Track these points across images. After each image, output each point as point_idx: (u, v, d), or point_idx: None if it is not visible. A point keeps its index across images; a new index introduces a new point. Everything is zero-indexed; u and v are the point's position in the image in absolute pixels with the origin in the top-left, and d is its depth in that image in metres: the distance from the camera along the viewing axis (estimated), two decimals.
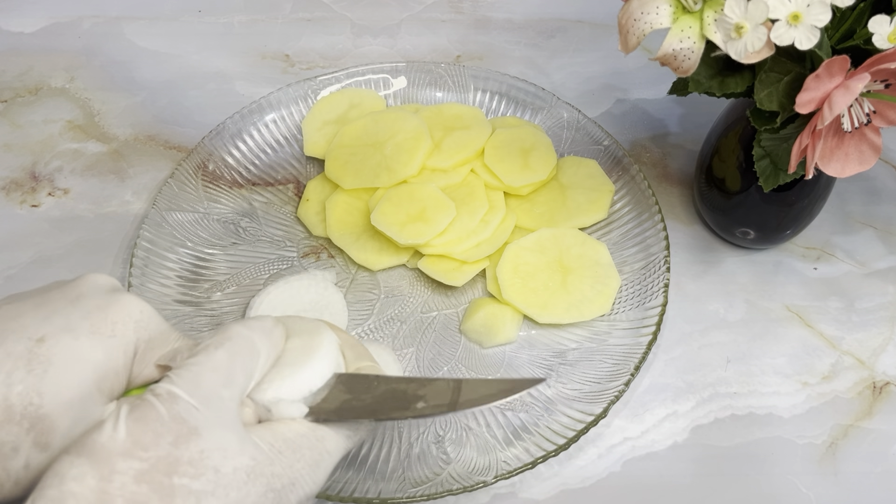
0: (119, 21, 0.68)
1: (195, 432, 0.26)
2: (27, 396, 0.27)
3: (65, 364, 0.28)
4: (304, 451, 0.29)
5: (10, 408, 0.27)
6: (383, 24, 0.68)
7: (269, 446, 0.28)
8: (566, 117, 0.56)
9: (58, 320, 0.29)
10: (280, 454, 0.28)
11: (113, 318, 0.30)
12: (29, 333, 0.28)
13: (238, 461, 0.26)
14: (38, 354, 0.28)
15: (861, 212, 0.54)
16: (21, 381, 0.27)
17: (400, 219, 0.49)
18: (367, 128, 0.54)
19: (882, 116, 0.37)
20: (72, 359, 0.28)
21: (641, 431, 0.44)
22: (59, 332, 0.29)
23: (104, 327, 0.30)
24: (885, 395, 0.46)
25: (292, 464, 0.28)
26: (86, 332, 0.29)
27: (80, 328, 0.29)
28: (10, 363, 0.27)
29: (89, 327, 0.29)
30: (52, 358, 0.28)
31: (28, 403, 0.27)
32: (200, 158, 0.54)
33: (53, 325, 0.29)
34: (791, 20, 0.33)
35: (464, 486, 0.39)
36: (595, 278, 0.47)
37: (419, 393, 0.31)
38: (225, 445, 0.26)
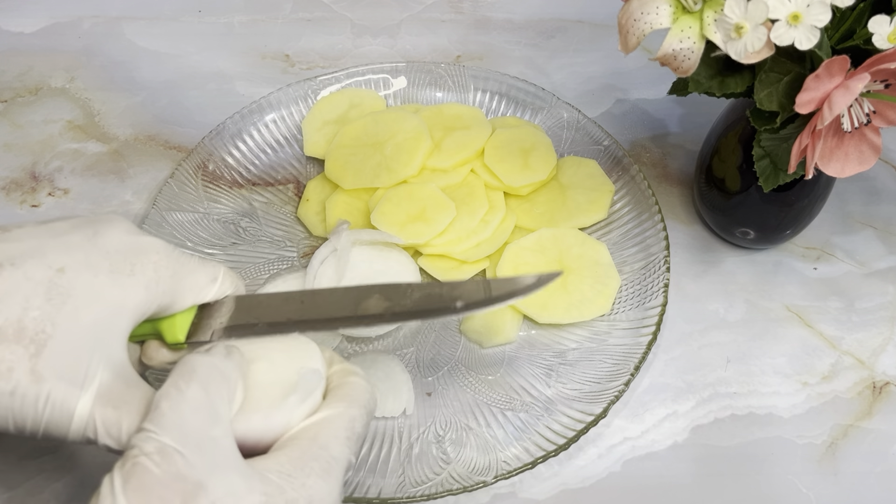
0: (119, 21, 0.68)
1: (200, 486, 0.24)
2: (41, 323, 0.27)
3: (83, 299, 0.28)
4: (312, 464, 0.28)
5: (22, 329, 0.27)
6: (383, 24, 0.68)
7: (276, 474, 0.27)
8: (566, 117, 0.56)
9: (77, 255, 0.29)
10: (289, 477, 0.27)
11: (132, 258, 0.30)
12: (49, 261, 0.28)
13: (250, 501, 0.25)
14: (57, 284, 0.28)
15: (861, 212, 0.54)
16: (38, 308, 0.27)
17: (400, 219, 0.49)
18: (367, 128, 0.54)
19: (882, 116, 0.37)
20: (90, 295, 0.28)
21: (641, 431, 0.44)
22: (80, 266, 0.29)
23: (123, 266, 0.30)
24: (885, 395, 0.46)
25: (304, 482, 0.27)
26: (105, 270, 0.29)
27: (99, 266, 0.29)
28: (29, 287, 0.27)
29: (109, 266, 0.29)
30: (71, 290, 0.28)
31: (40, 330, 0.27)
32: (200, 158, 0.54)
33: (73, 258, 0.29)
34: (791, 20, 0.33)
35: (464, 486, 0.39)
36: (595, 278, 0.47)
37: (454, 294, 0.33)
38: (233, 490, 0.25)
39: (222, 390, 0.28)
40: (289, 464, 0.27)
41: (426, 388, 0.45)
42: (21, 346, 0.27)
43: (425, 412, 0.44)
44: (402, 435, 0.42)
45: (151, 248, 0.31)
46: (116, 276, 0.29)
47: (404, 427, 0.43)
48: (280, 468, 0.27)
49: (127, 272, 0.30)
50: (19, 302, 0.27)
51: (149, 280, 0.30)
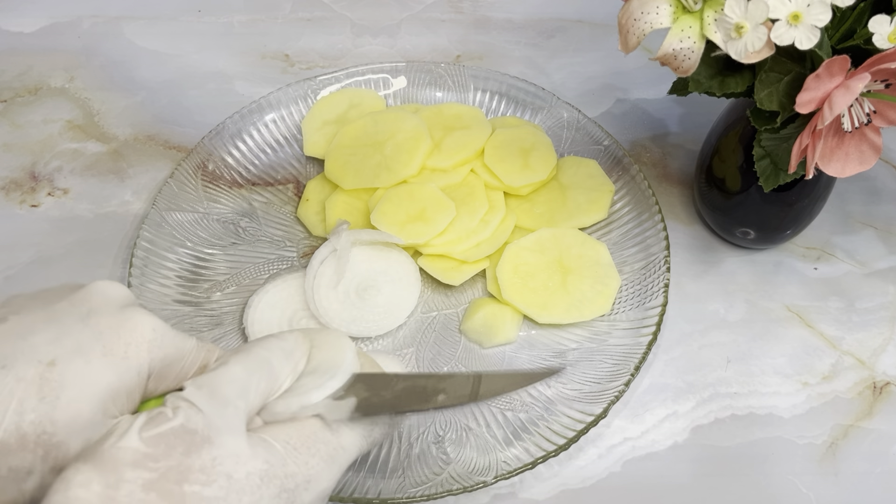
0: (119, 21, 0.68)
1: (208, 440, 0.26)
2: (40, 425, 0.27)
3: (77, 389, 0.28)
4: (320, 447, 0.28)
5: (23, 437, 0.26)
6: (383, 23, 0.67)
7: (283, 444, 0.28)
8: (566, 117, 0.56)
9: (68, 342, 0.28)
10: (295, 451, 0.28)
11: (126, 338, 0.29)
12: (39, 356, 0.28)
13: (251, 465, 0.26)
14: (49, 380, 0.27)
15: (861, 212, 0.54)
16: (34, 410, 0.27)
17: (400, 219, 0.49)
18: (366, 128, 0.54)
19: (882, 116, 0.37)
20: (84, 383, 0.28)
21: (641, 431, 0.44)
22: (71, 354, 0.28)
23: (117, 349, 0.29)
24: (886, 395, 0.46)
25: (307, 460, 0.28)
26: (98, 355, 0.29)
27: (92, 351, 0.28)
28: (21, 389, 0.27)
29: (101, 349, 0.29)
30: (64, 383, 0.27)
31: (41, 432, 0.27)
32: (200, 158, 0.54)
33: (64, 347, 0.28)
34: (791, 20, 0.33)
35: (464, 487, 0.39)
36: (595, 278, 0.47)
37: (439, 387, 0.32)
38: (238, 451, 0.26)
39: (263, 384, 0.29)
40: (297, 438, 0.28)
41: None
42: (29, 452, 0.27)
43: (416, 414, 0.43)
44: (402, 435, 0.42)
45: (147, 326, 0.30)
46: (109, 360, 0.29)
47: (404, 427, 0.43)
48: (288, 439, 0.28)
49: (121, 355, 0.29)
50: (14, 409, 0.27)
51: (141, 364, 0.29)
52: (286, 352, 0.30)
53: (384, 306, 0.47)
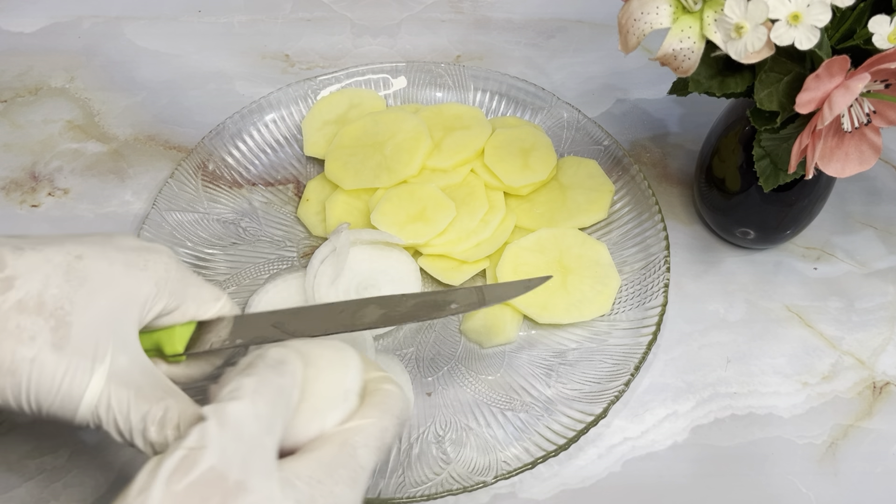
0: (119, 21, 0.68)
1: (241, 487, 0.24)
2: (60, 300, 0.29)
3: (99, 283, 0.30)
4: (341, 472, 0.28)
5: (42, 303, 0.28)
6: (383, 24, 0.68)
7: (307, 480, 0.27)
8: (566, 117, 0.56)
9: (94, 248, 0.31)
10: (320, 483, 0.27)
11: (146, 256, 0.32)
12: (68, 249, 0.30)
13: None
14: (76, 268, 0.30)
15: (861, 212, 0.54)
16: (58, 286, 0.29)
17: (400, 219, 0.49)
18: (366, 128, 0.54)
19: (882, 116, 0.37)
20: (106, 281, 0.30)
21: (641, 431, 0.44)
22: (97, 255, 0.31)
23: (137, 261, 0.32)
24: (885, 395, 0.46)
25: (332, 489, 0.27)
26: (120, 262, 0.31)
27: (115, 258, 0.31)
28: (49, 268, 0.29)
29: (124, 259, 0.32)
30: (88, 275, 0.30)
31: (59, 307, 0.29)
32: (200, 158, 0.54)
33: (91, 249, 0.31)
34: (791, 20, 0.33)
35: (464, 487, 0.39)
36: (595, 278, 0.47)
37: (448, 298, 0.36)
38: (271, 496, 0.25)
39: (285, 412, 0.28)
40: (319, 469, 0.28)
41: (426, 388, 0.45)
42: (42, 319, 0.28)
43: (425, 412, 0.44)
44: (401, 435, 0.42)
45: (164, 253, 0.33)
46: (130, 269, 0.31)
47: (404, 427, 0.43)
48: (311, 473, 0.27)
49: (140, 266, 0.32)
50: (39, 279, 0.29)
51: (159, 277, 0.32)
52: (294, 375, 0.29)
53: None
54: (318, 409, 0.30)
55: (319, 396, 0.30)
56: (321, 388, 0.30)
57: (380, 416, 0.30)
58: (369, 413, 0.30)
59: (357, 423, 0.30)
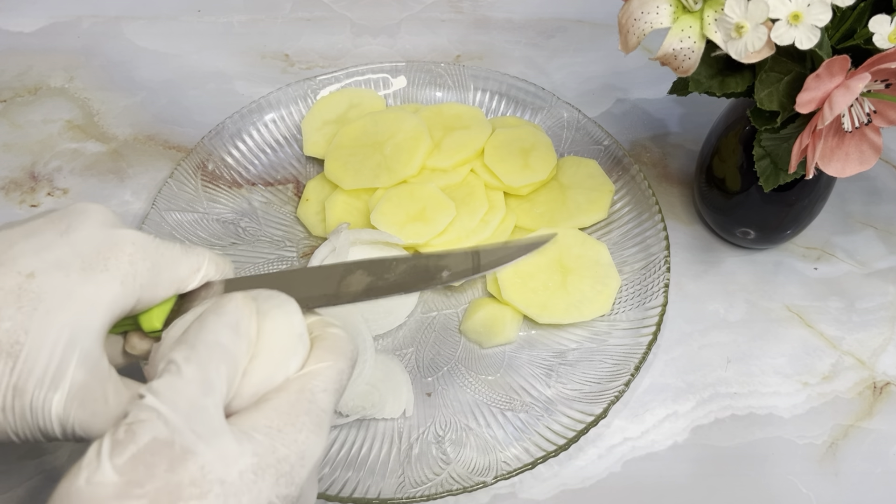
0: (118, 21, 0.68)
1: (188, 451, 0.24)
2: (14, 335, 0.27)
3: (55, 302, 0.28)
4: (303, 419, 0.27)
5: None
6: (383, 23, 0.67)
7: (265, 431, 0.26)
8: (566, 117, 0.56)
9: (48, 255, 0.29)
10: (280, 433, 0.26)
11: (105, 253, 0.29)
12: (19, 267, 0.28)
13: (241, 463, 0.25)
14: (27, 290, 0.27)
15: (861, 212, 0.54)
16: (10, 318, 0.27)
17: (400, 219, 0.49)
18: (366, 128, 0.54)
19: (882, 116, 0.37)
20: (62, 296, 0.28)
21: (641, 432, 0.44)
22: (50, 267, 0.28)
23: (96, 263, 0.29)
24: (886, 395, 0.45)
25: (295, 437, 0.27)
26: (77, 269, 0.29)
27: (71, 265, 0.29)
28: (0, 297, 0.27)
29: (81, 263, 0.29)
30: (41, 295, 0.28)
31: (14, 342, 0.27)
32: (200, 158, 0.54)
33: (44, 260, 0.28)
34: (791, 20, 0.33)
35: (463, 487, 0.39)
36: (595, 278, 0.47)
37: (441, 264, 0.32)
38: (224, 453, 0.25)
39: (221, 365, 0.27)
40: (278, 419, 0.27)
41: (426, 389, 0.45)
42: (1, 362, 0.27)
43: (425, 412, 0.43)
44: (401, 435, 0.42)
45: (127, 240, 0.30)
46: (89, 274, 0.29)
47: (404, 427, 0.43)
48: (269, 423, 0.26)
49: (100, 268, 0.29)
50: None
51: (124, 275, 0.29)
52: (233, 327, 0.28)
53: (384, 306, 0.47)
54: (276, 358, 0.29)
55: (276, 345, 0.29)
56: (276, 337, 0.29)
57: (335, 359, 0.30)
58: (324, 356, 0.29)
59: (313, 367, 0.29)
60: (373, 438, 0.42)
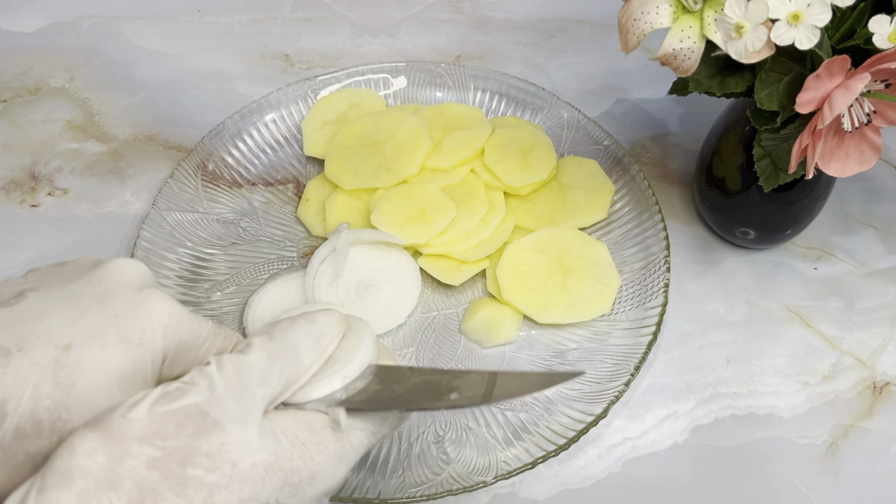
0: (119, 21, 0.68)
1: (218, 426, 0.25)
2: (55, 412, 0.27)
3: (91, 375, 0.28)
4: (328, 444, 0.28)
5: (38, 423, 0.27)
6: (383, 23, 0.67)
7: (292, 438, 0.27)
8: (566, 117, 0.56)
9: (84, 325, 0.28)
10: (303, 446, 0.27)
11: (141, 324, 0.29)
12: (55, 339, 0.28)
13: (258, 457, 0.26)
14: (64, 364, 0.27)
15: (861, 212, 0.54)
16: (49, 396, 0.27)
17: (400, 219, 0.49)
18: (366, 128, 0.54)
19: (882, 116, 0.37)
20: (99, 370, 0.28)
21: (641, 431, 0.44)
22: (87, 339, 0.28)
23: (132, 334, 0.29)
24: (886, 395, 0.45)
25: (314, 456, 0.28)
26: (113, 341, 0.29)
27: (107, 336, 0.28)
28: (37, 374, 0.27)
29: (117, 334, 0.29)
30: (79, 368, 0.28)
31: (56, 419, 0.27)
32: (200, 158, 0.54)
33: (80, 330, 0.28)
34: (791, 20, 0.33)
35: (464, 487, 0.39)
36: (595, 278, 0.47)
37: (453, 384, 0.30)
38: (246, 441, 0.26)
39: (286, 366, 0.28)
40: (307, 434, 0.28)
41: None
42: (45, 439, 0.27)
43: (425, 412, 0.43)
44: (401, 435, 0.42)
45: (164, 311, 0.30)
46: (125, 346, 0.29)
47: (404, 427, 0.43)
48: (298, 433, 0.28)
49: (136, 342, 0.29)
50: (30, 395, 0.27)
51: (156, 351, 0.29)
52: (314, 337, 0.30)
53: (384, 306, 0.47)
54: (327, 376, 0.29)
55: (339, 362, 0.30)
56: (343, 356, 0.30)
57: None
58: None
59: None
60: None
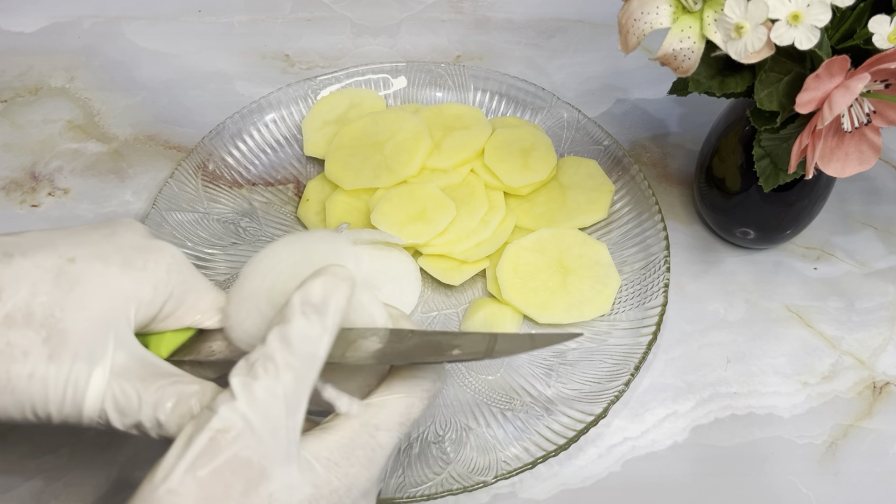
0: (119, 21, 0.68)
1: (264, 475, 0.24)
2: (49, 308, 0.27)
3: (92, 286, 0.28)
4: (358, 453, 0.28)
5: (30, 314, 0.27)
6: (383, 23, 0.68)
7: (325, 463, 0.27)
8: (566, 117, 0.56)
9: (90, 248, 0.29)
10: (336, 466, 0.27)
11: (146, 255, 0.30)
12: (60, 252, 0.29)
13: (302, 494, 0.25)
14: (67, 272, 0.28)
15: (861, 212, 0.54)
16: (46, 293, 0.27)
17: (400, 219, 0.49)
18: (366, 128, 0.54)
19: (882, 116, 0.37)
20: (100, 283, 0.28)
21: (641, 431, 0.44)
22: (91, 257, 0.29)
23: (136, 261, 0.30)
24: (886, 395, 0.46)
25: (347, 471, 0.27)
26: (117, 263, 0.29)
27: (111, 258, 0.29)
28: (38, 274, 0.28)
29: (121, 259, 0.29)
30: (80, 278, 0.28)
31: (49, 315, 0.27)
32: (200, 158, 0.54)
33: (85, 250, 0.29)
34: (791, 20, 0.33)
35: (464, 486, 0.39)
36: (595, 278, 0.47)
37: (454, 342, 0.30)
38: (291, 482, 0.25)
39: (311, 380, 0.27)
40: (337, 451, 0.27)
41: None
42: (32, 331, 0.27)
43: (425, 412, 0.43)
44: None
45: (167, 251, 0.31)
46: (127, 269, 0.29)
47: None
48: (329, 455, 0.27)
49: (139, 266, 0.30)
50: (27, 288, 0.27)
51: (159, 279, 0.30)
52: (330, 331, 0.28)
53: None
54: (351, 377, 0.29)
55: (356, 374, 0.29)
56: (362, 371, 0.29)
57: (407, 392, 0.29)
58: (396, 387, 0.29)
59: (382, 398, 0.29)
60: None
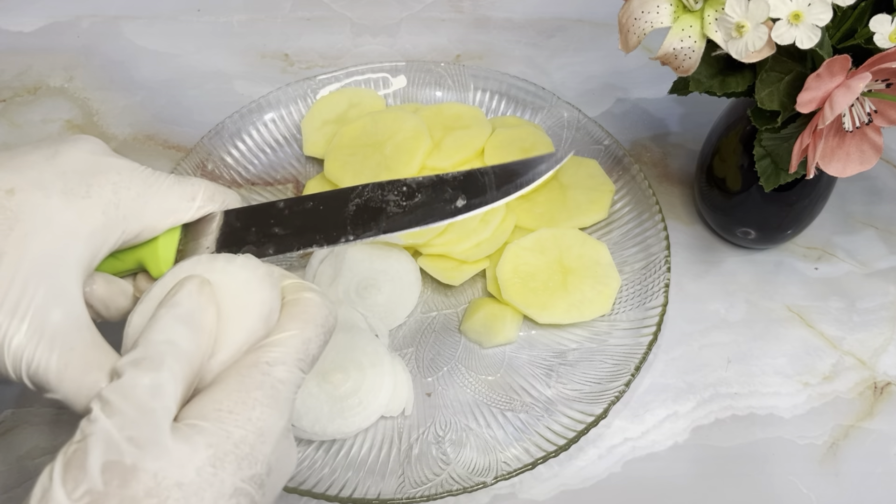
0: (118, 20, 0.68)
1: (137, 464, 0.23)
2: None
3: (32, 224, 0.27)
4: (255, 394, 0.26)
5: None
6: (383, 23, 0.67)
7: (214, 416, 0.25)
8: (566, 117, 0.56)
9: (30, 174, 0.28)
10: (231, 414, 0.25)
11: (89, 179, 0.28)
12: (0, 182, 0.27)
13: (197, 460, 0.24)
14: (6, 207, 0.26)
15: (862, 212, 0.54)
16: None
17: None
18: (366, 128, 0.54)
19: (883, 116, 0.37)
20: (40, 220, 0.27)
21: (642, 432, 0.44)
22: (30, 186, 0.27)
23: (78, 188, 0.28)
24: (886, 395, 0.45)
25: (248, 416, 0.25)
26: (58, 192, 0.27)
27: (52, 186, 0.27)
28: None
29: (62, 186, 0.28)
30: (19, 214, 0.26)
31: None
32: (199, 158, 0.54)
33: (25, 177, 0.27)
34: (792, 19, 0.33)
35: (463, 487, 0.39)
36: (595, 278, 0.47)
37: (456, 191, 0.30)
38: (174, 457, 0.24)
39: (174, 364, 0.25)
40: (227, 400, 0.25)
41: (426, 389, 0.44)
42: None
43: (425, 412, 0.43)
44: (401, 435, 0.42)
45: (113, 169, 0.29)
46: (70, 198, 0.28)
47: (404, 427, 0.43)
48: (218, 406, 0.25)
49: (82, 194, 0.28)
50: None
51: (107, 203, 0.28)
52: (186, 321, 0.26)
53: (384, 305, 0.47)
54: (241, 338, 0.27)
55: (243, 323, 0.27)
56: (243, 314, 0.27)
57: (301, 328, 0.28)
58: (288, 325, 0.28)
59: (273, 337, 0.27)
60: (373, 439, 0.42)
